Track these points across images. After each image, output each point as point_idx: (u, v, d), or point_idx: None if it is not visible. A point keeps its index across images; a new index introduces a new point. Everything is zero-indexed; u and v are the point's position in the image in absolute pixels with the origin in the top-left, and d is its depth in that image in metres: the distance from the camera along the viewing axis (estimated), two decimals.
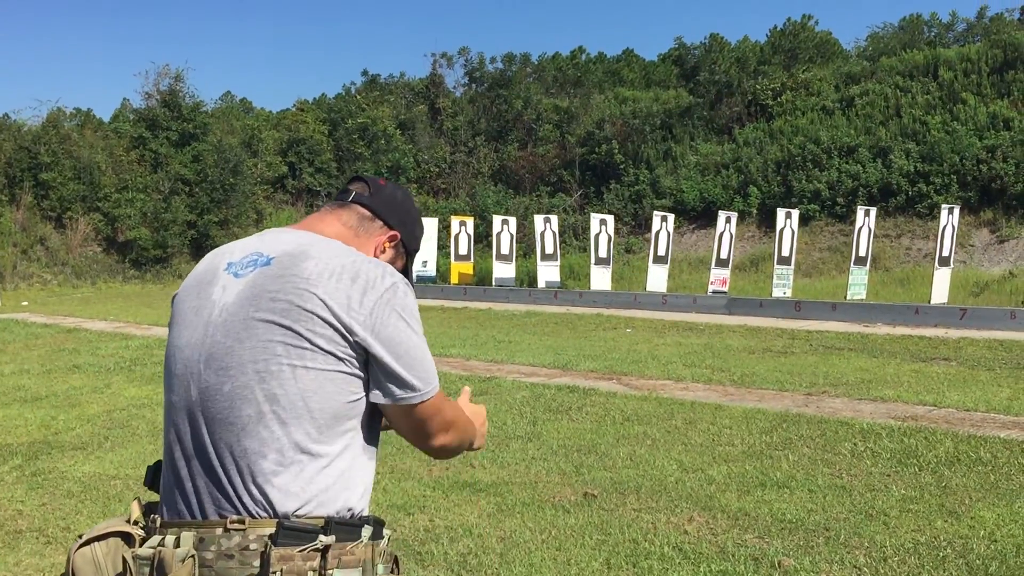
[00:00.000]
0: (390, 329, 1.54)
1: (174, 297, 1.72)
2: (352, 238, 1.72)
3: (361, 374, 1.56)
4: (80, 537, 1.60)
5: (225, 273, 1.62)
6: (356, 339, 1.52)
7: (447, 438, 1.68)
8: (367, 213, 1.76)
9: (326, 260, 1.57)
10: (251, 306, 1.55)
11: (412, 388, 1.57)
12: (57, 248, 29.33)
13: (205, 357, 1.56)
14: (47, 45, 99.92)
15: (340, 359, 1.52)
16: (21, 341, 13.70)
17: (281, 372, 1.51)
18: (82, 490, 5.41)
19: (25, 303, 22.81)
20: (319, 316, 1.51)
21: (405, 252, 1.84)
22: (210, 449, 1.54)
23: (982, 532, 4.34)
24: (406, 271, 1.86)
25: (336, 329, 1.51)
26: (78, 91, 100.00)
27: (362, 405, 1.57)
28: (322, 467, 1.53)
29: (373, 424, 1.63)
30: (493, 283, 22.20)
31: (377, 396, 1.58)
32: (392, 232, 1.78)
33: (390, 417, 1.62)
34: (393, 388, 1.56)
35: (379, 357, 1.54)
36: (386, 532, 1.60)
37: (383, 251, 1.77)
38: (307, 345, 1.51)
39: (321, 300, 1.52)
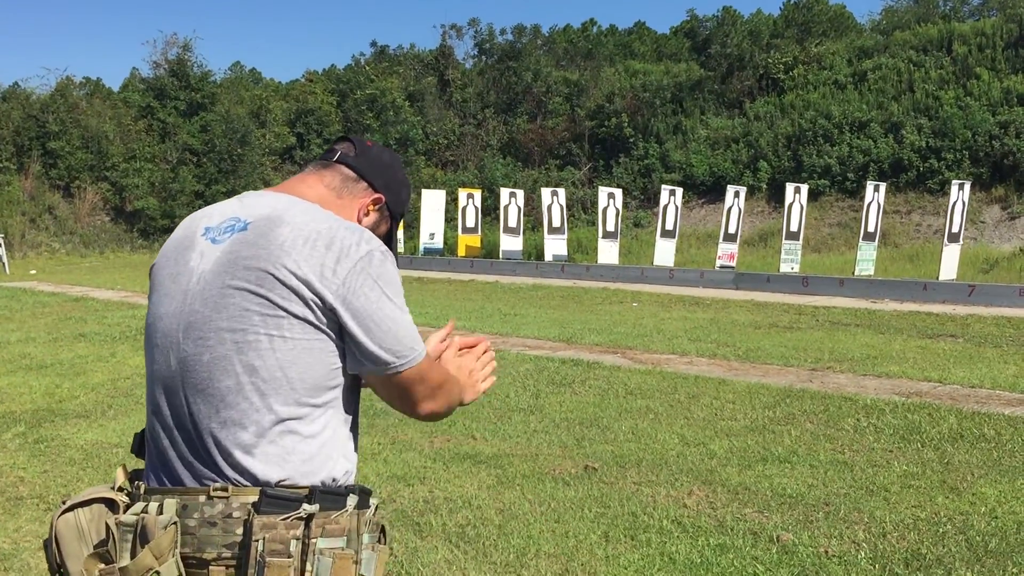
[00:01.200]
0: (362, 299, 1.50)
1: (153, 265, 1.68)
2: (334, 200, 1.67)
3: (338, 343, 1.52)
4: (63, 503, 1.58)
5: (203, 239, 1.58)
6: (328, 307, 1.48)
7: (433, 404, 1.65)
8: (351, 174, 1.70)
9: (301, 226, 1.52)
10: (227, 274, 1.51)
11: (385, 363, 1.53)
12: (65, 217, 29.40)
13: (184, 327, 1.53)
14: (56, 13, 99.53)
15: (316, 328, 1.49)
16: (28, 309, 13.75)
17: (259, 342, 1.48)
18: (84, 458, 5.43)
19: (33, 272, 22.90)
20: (292, 284, 1.48)
21: (390, 216, 1.78)
22: (190, 420, 1.52)
23: (983, 508, 4.32)
24: (390, 236, 1.80)
25: (309, 297, 1.48)
26: (88, 60, 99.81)
27: (341, 374, 1.55)
28: (303, 437, 1.51)
29: (354, 391, 1.61)
30: (500, 256, 22.17)
31: (352, 367, 1.55)
32: (376, 195, 1.72)
33: (372, 385, 1.60)
34: (365, 362, 1.53)
35: (350, 330, 1.50)
36: (373, 501, 1.58)
37: (367, 214, 1.71)
38: (282, 314, 1.48)
39: (293, 268, 1.48)
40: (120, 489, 1.61)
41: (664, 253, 19.69)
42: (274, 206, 1.58)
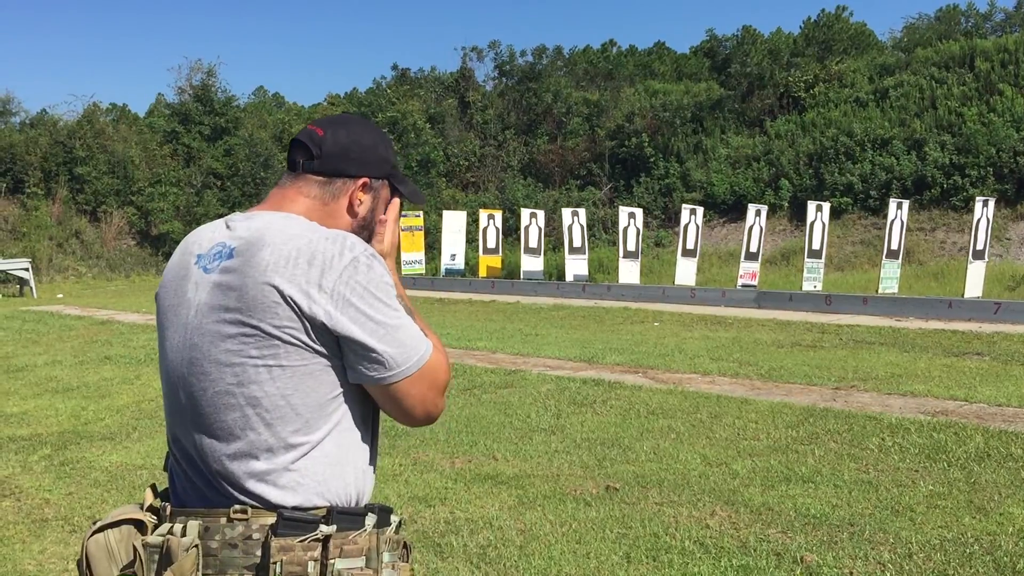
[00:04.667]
0: (354, 308, 1.48)
1: (157, 293, 1.68)
2: (320, 207, 1.63)
3: (335, 360, 1.51)
4: (94, 524, 1.60)
5: (196, 268, 1.57)
6: (319, 324, 1.47)
7: (439, 401, 1.60)
8: (322, 179, 1.64)
9: (280, 245, 1.50)
10: (219, 306, 1.51)
11: (386, 365, 1.51)
12: (92, 241, 29.74)
13: (187, 361, 1.54)
14: (83, 41, 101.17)
15: (311, 351, 1.48)
16: (55, 333, 13.90)
17: (258, 375, 1.48)
18: (108, 479, 5.48)
19: (60, 295, 23.15)
20: (281, 309, 1.46)
21: (386, 180, 1.73)
22: (198, 454, 1.54)
23: (1011, 529, 4.26)
24: (399, 190, 1.75)
25: (300, 319, 1.46)
26: (114, 86, 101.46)
27: (346, 390, 1.54)
28: (315, 459, 1.51)
29: (366, 404, 1.59)
30: (521, 276, 22.17)
31: (355, 376, 1.53)
32: (359, 181, 1.66)
33: (375, 396, 1.57)
34: (366, 366, 1.51)
35: (349, 334, 1.48)
36: (394, 519, 1.58)
37: (360, 203, 1.67)
38: (276, 342, 1.47)
39: (280, 291, 1.46)
40: (149, 509, 1.62)
41: (685, 272, 19.62)
42: (256, 227, 1.55)
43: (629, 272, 20.52)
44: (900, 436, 6.12)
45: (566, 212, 22.32)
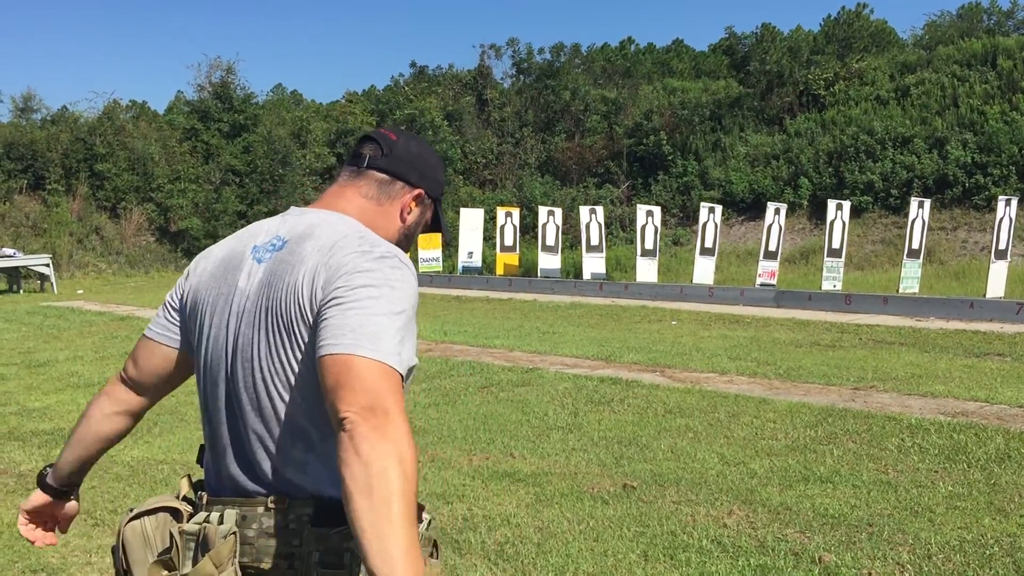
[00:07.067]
0: (339, 281, 1.46)
1: (196, 280, 1.68)
2: (375, 208, 1.66)
3: None
4: (130, 511, 1.63)
5: (250, 258, 1.60)
6: (316, 310, 1.47)
7: (369, 423, 1.31)
8: (385, 177, 1.68)
9: (320, 237, 1.53)
10: (265, 296, 1.53)
11: (336, 336, 1.39)
12: (112, 237, 29.95)
13: (233, 349, 1.56)
14: (103, 38, 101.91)
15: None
16: (76, 328, 14.01)
17: (293, 363, 1.50)
18: (130, 474, 5.53)
19: (80, 291, 23.32)
20: (305, 300, 1.49)
21: (432, 201, 1.77)
22: (242, 440, 1.55)
23: None
24: (436, 217, 1.80)
25: (313, 308, 1.48)
26: (134, 83, 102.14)
27: None
28: None
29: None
30: (538, 274, 22.16)
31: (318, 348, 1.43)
32: (416, 190, 1.71)
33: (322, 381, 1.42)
34: (319, 335, 1.42)
35: (318, 311, 1.45)
36: (425, 516, 1.60)
37: (410, 211, 1.70)
38: (309, 333, 1.48)
39: (305, 280, 1.49)
40: (184, 498, 1.65)
41: (703, 271, 19.56)
42: (311, 223, 1.59)
43: (647, 270, 20.47)
44: (920, 437, 6.08)
45: (584, 210, 22.27)
